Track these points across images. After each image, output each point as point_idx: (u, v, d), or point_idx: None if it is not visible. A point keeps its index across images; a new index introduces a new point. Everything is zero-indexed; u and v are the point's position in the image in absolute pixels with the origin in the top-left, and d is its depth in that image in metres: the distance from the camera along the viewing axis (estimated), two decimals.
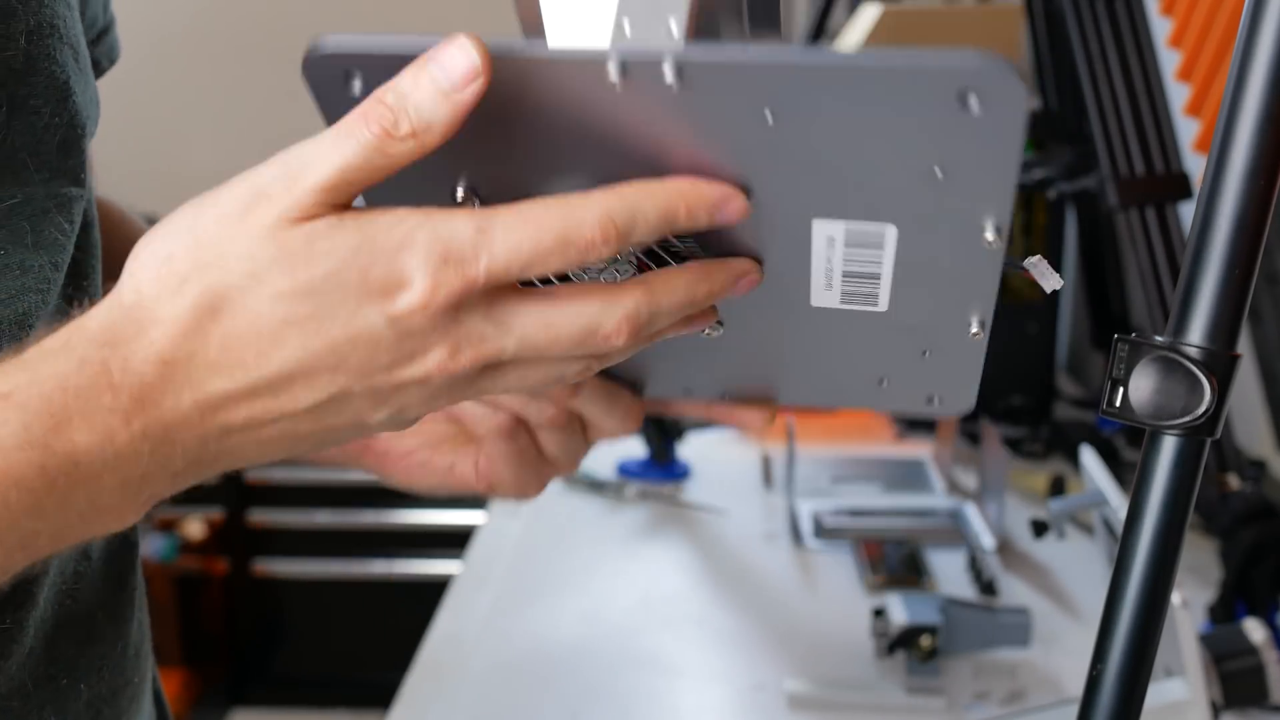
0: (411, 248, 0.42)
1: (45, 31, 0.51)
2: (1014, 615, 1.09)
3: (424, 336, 0.43)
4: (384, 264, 0.42)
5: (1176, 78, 1.40)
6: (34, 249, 0.51)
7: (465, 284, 0.42)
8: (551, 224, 0.42)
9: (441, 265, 0.42)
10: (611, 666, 1.13)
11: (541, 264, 0.42)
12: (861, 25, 1.97)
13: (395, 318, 0.43)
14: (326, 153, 0.43)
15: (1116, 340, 0.48)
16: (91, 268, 0.57)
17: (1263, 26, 0.45)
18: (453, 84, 0.42)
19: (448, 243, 0.42)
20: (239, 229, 0.43)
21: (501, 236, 0.42)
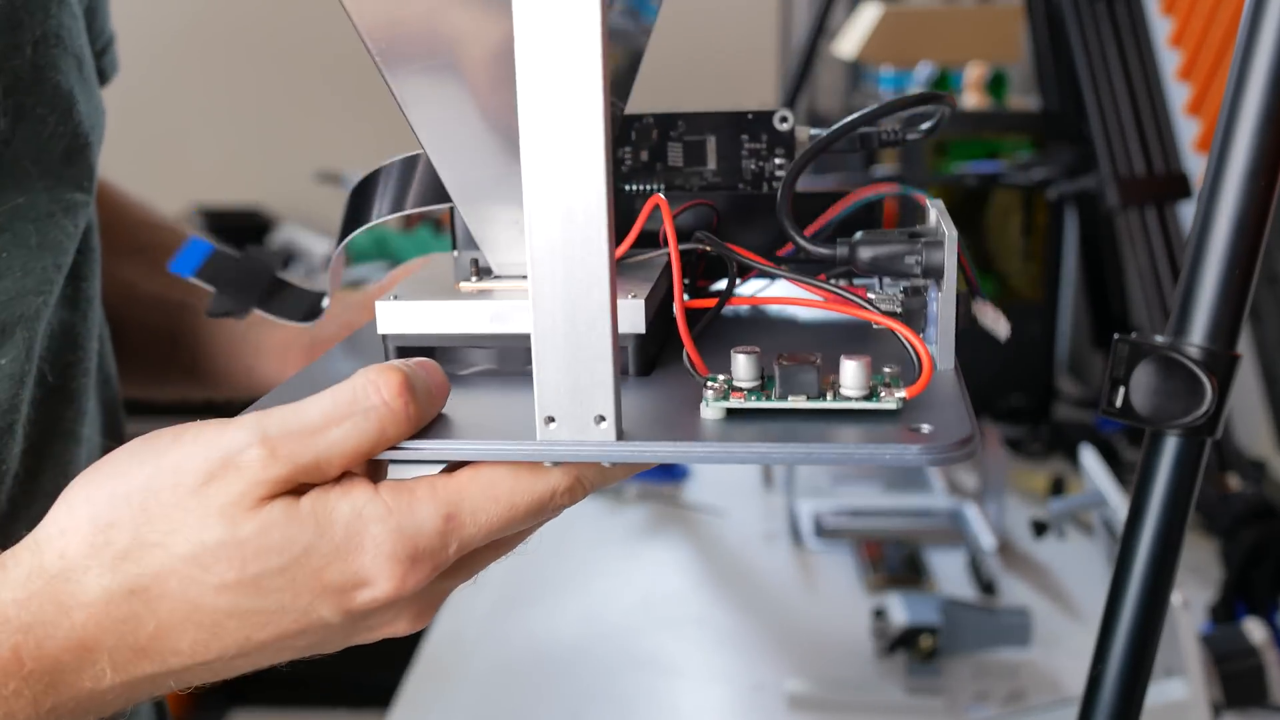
0: (375, 549, 0.39)
1: (51, 41, 0.51)
2: (1014, 615, 1.09)
3: (380, 616, 0.41)
4: (342, 565, 0.39)
5: (1177, 77, 1.40)
6: (38, 251, 0.51)
7: (434, 571, 0.40)
8: (522, 499, 0.40)
9: (410, 565, 0.39)
10: (611, 667, 1.13)
11: (513, 530, 0.41)
12: (862, 25, 1.97)
13: (352, 611, 0.40)
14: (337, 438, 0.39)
15: (1116, 340, 0.48)
16: (91, 270, 0.57)
17: (1263, 26, 0.45)
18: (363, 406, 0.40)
19: (414, 540, 0.39)
20: (191, 505, 0.39)
21: (470, 521, 0.40)
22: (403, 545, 0.39)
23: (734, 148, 0.52)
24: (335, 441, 0.39)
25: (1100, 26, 1.32)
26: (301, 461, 0.39)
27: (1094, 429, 1.64)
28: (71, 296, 0.55)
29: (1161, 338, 0.46)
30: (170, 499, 0.39)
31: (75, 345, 0.55)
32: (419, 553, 0.39)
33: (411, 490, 0.40)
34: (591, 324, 0.38)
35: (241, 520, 0.39)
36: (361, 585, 0.39)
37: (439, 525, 0.39)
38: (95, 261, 0.58)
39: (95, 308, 0.58)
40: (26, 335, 0.50)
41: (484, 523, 0.40)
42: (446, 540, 0.40)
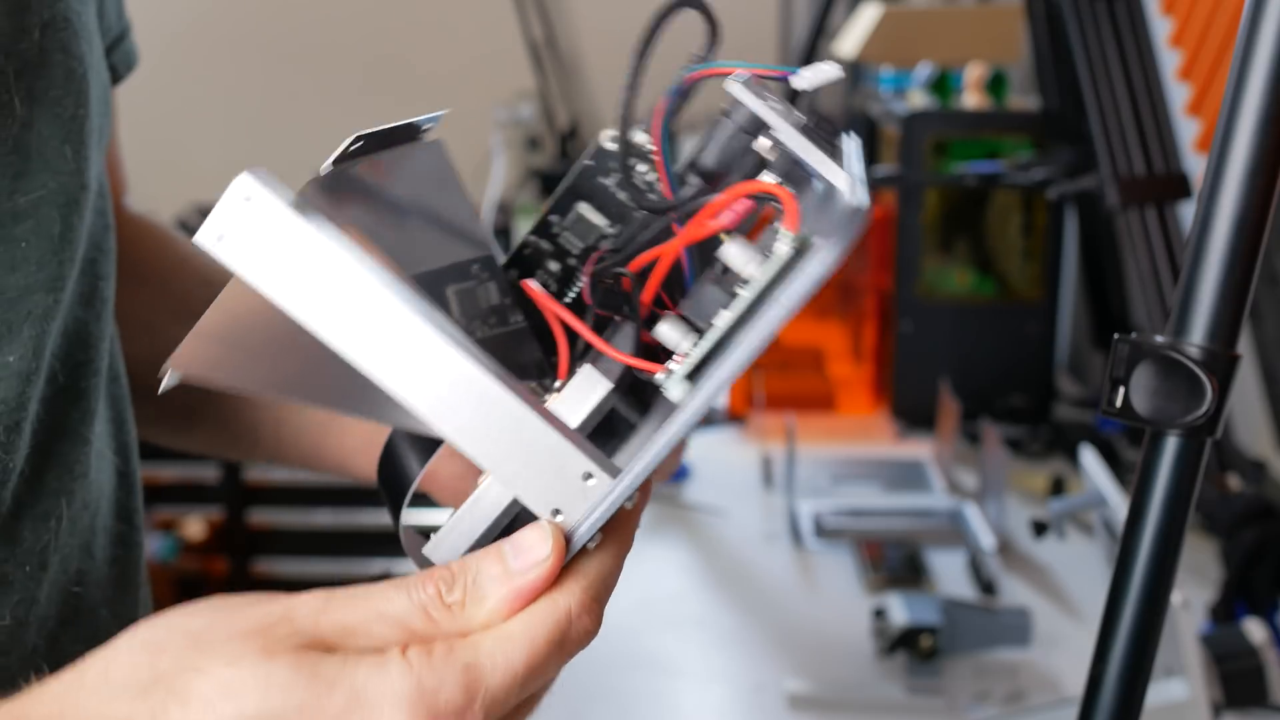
0: (396, 703, 0.38)
1: (59, 25, 0.51)
2: (1014, 615, 1.09)
3: None
4: (363, 713, 0.38)
5: (1177, 77, 1.40)
6: (57, 242, 0.50)
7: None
8: (537, 636, 0.40)
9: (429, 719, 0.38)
10: (612, 667, 1.13)
11: (540, 673, 0.40)
12: (862, 25, 1.97)
13: None
14: (380, 593, 0.40)
15: (1116, 340, 0.48)
16: (109, 271, 0.57)
17: (1263, 26, 0.45)
18: (520, 568, 0.40)
19: (435, 694, 0.38)
20: (239, 638, 0.39)
21: (490, 667, 0.39)
22: (425, 700, 0.38)
23: (604, 194, 0.50)
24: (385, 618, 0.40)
25: (1100, 26, 1.32)
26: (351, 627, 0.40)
27: (1094, 429, 1.64)
28: (87, 295, 0.55)
29: (1161, 338, 0.46)
30: (221, 633, 0.39)
31: (87, 345, 0.55)
32: (441, 708, 0.38)
33: (430, 650, 0.39)
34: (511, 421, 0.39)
35: (277, 654, 0.39)
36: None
37: (458, 678, 0.39)
38: (113, 263, 0.57)
39: (110, 309, 0.57)
40: (35, 333, 0.50)
41: (503, 665, 0.39)
42: (468, 694, 0.39)
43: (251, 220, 0.38)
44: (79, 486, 0.53)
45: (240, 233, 0.38)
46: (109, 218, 0.57)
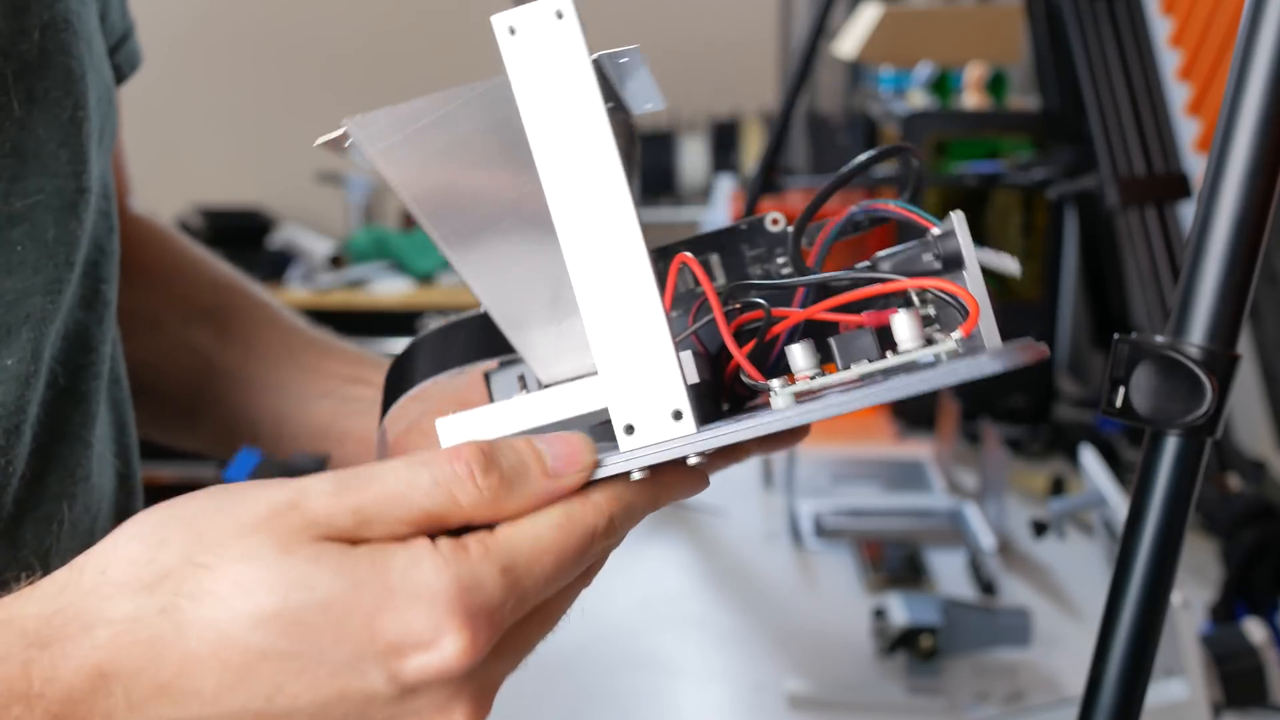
0: (432, 599, 0.36)
1: (59, 26, 0.51)
2: (1014, 615, 1.09)
3: (433, 696, 0.37)
4: (397, 613, 0.36)
5: (1177, 77, 1.40)
6: (53, 246, 0.50)
7: (494, 637, 0.37)
8: (568, 544, 0.39)
9: (470, 622, 0.36)
10: (612, 667, 1.13)
11: (559, 584, 0.40)
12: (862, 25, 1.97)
13: (402, 678, 0.37)
14: (394, 474, 0.38)
15: (1116, 340, 0.48)
16: (111, 273, 0.56)
17: (1263, 26, 0.45)
18: (559, 469, 0.39)
19: (474, 593, 0.36)
20: (248, 532, 0.37)
21: (525, 573, 0.38)
22: (463, 599, 0.36)
23: (738, 260, 0.52)
24: (405, 501, 0.37)
25: (1100, 26, 1.32)
26: (367, 513, 0.37)
27: (1094, 429, 1.64)
28: (88, 298, 0.55)
29: (1161, 338, 0.46)
30: (228, 525, 0.37)
31: (89, 348, 0.54)
32: (479, 609, 0.36)
33: (465, 545, 0.37)
34: (642, 336, 0.40)
35: (294, 548, 0.36)
36: (419, 646, 0.36)
37: (497, 578, 0.37)
38: (115, 266, 0.57)
39: (111, 311, 0.57)
40: (33, 336, 0.49)
41: (539, 574, 0.38)
42: (505, 595, 0.37)
43: (550, 32, 0.40)
44: (80, 490, 0.53)
45: (533, 36, 0.40)
46: (113, 219, 0.57)
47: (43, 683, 0.36)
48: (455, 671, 0.36)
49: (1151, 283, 1.29)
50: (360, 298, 3.04)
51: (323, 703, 0.37)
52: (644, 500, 0.41)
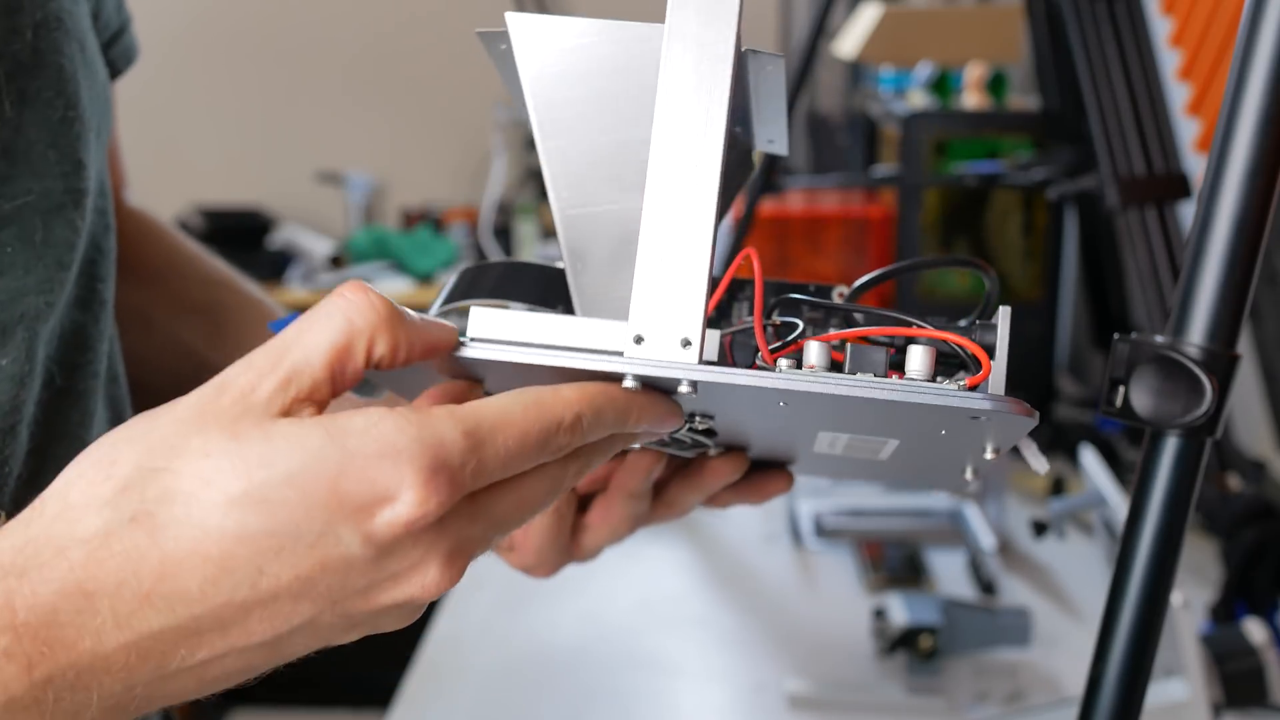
0: (395, 456, 0.37)
1: (52, 25, 0.51)
2: (1014, 615, 1.09)
3: (406, 555, 0.38)
4: (360, 472, 0.36)
5: (1177, 77, 1.40)
6: (42, 247, 0.50)
7: (455, 494, 0.38)
8: (532, 425, 0.39)
9: (433, 475, 0.37)
10: (611, 667, 1.13)
11: (521, 465, 0.40)
12: (862, 25, 1.97)
13: (374, 537, 0.37)
14: (308, 336, 0.39)
15: (1116, 340, 0.48)
16: (108, 272, 0.56)
17: (1263, 26, 0.45)
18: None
19: (435, 450, 0.37)
20: (194, 428, 0.37)
21: (489, 440, 0.38)
22: (423, 453, 0.37)
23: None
24: (310, 342, 0.38)
25: (1100, 26, 1.32)
26: (284, 367, 0.38)
27: (1094, 429, 1.64)
28: (84, 298, 0.54)
29: (1161, 338, 0.46)
30: (170, 428, 0.37)
31: (85, 347, 0.54)
32: (440, 463, 0.37)
33: (429, 410, 0.38)
34: (691, 254, 0.41)
35: (242, 430, 0.37)
36: (383, 501, 0.37)
37: (459, 439, 0.38)
38: (112, 264, 0.57)
39: (109, 310, 0.57)
40: (27, 335, 0.49)
41: (501, 445, 0.39)
42: (467, 456, 0.38)
43: None
44: None
45: None
46: (109, 218, 0.57)
47: (27, 611, 0.35)
48: (420, 521, 0.37)
49: (1151, 283, 1.29)
50: None
51: (306, 577, 0.37)
52: (613, 410, 0.42)
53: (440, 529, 0.38)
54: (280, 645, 0.39)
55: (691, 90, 0.41)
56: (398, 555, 0.38)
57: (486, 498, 0.40)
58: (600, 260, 0.46)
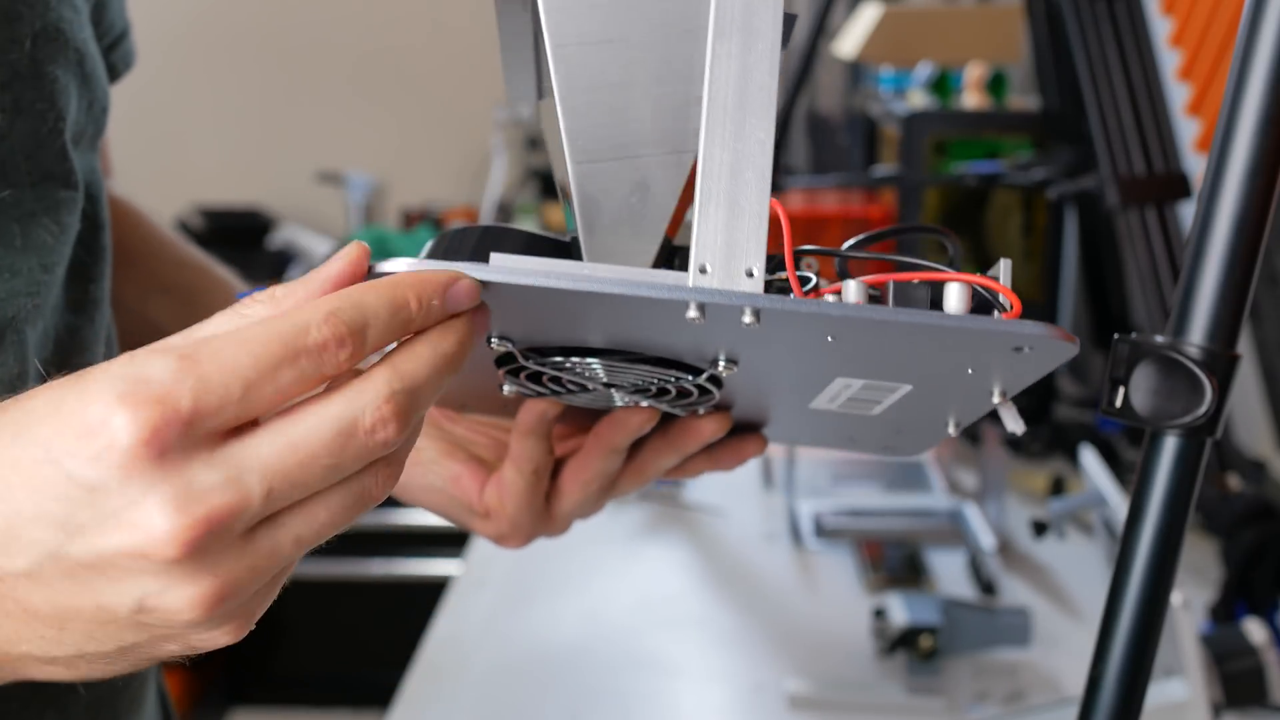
0: (99, 390, 0.35)
1: (50, 35, 0.51)
2: (1014, 615, 1.09)
3: (122, 491, 0.35)
4: (71, 407, 0.36)
5: (1177, 77, 1.40)
6: (22, 251, 0.50)
7: (166, 418, 0.35)
8: (270, 336, 0.36)
9: (135, 404, 0.35)
10: (611, 667, 1.13)
11: (270, 381, 0.36)
12: (862, 25, 1.97)
13: (79, 468, 0.35)
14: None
15: (1116, 340, 0.48)
16: (100, 272, 0.56)
17: (1263, 26, 0.44)
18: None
19: (139, 376, 0.35)
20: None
21: (210, 359, 0.36)
22: (127, 380, 0.35)
23: None
24: None
25: (1100, 26, 1.32)
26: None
27: (1094, 429, 1.64)
28: (77, 299, 0.55)
29: (1161, 338, 0.46)
30: None
31: (81, 348, 0.54)
32: (142, 382, 0.35)
33: (149, 347, 0.37)
34: (753, 185, 0.41)
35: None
36: (91, 431, 0.35)
37: (171, 362, 0.35)
38: (105, 263, 0.57)
39: (103, 310, 0.57)
40: (17, 339, 0.49)
41: (227, 362, 0.36)
42: (180, 379, 0.35)
43: None
44: None
45: None
46: (100, 218, 0.57)
47: None
48: (123, 452, 0.35)
49: (1151, 283, 1.29)
50: None
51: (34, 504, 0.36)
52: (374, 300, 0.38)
53: (161, 467, 0.35)
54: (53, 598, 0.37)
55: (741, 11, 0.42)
56: (111, 493, 0.35)
57: (230, 437, 0.37)
58: (613, 210, 0.46)
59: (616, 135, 0.45)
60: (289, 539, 0.38)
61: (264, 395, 0.36)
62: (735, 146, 0.42)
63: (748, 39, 0.42)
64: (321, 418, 0.37)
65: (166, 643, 0.39)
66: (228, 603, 0.37)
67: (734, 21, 0.42)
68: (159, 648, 0.39)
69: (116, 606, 0.37)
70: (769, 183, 0.42)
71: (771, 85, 0.42)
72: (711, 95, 0.42)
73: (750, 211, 0.42)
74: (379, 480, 0.39)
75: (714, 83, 0.42)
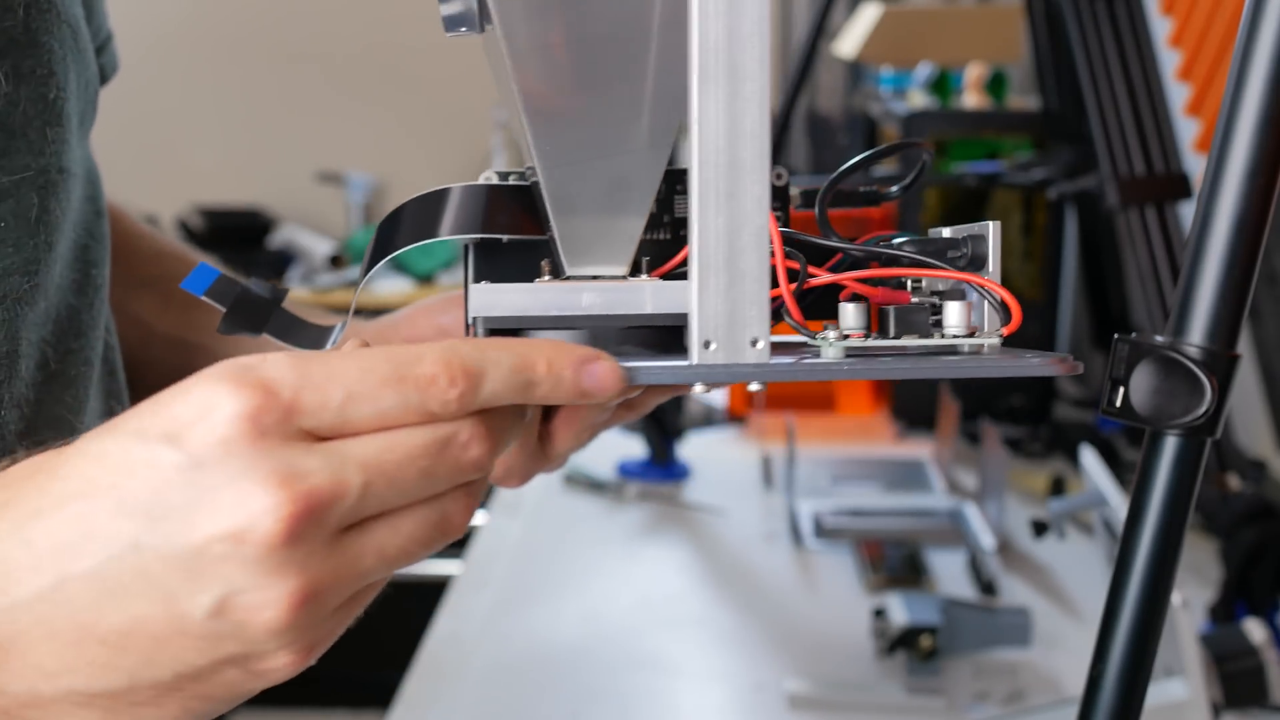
0: (202, 376, 0.36)
1: (43, 6, 0.51)
2: (1014, 615, 1.09)
3: (221, 468, 0.34)
4: (171, 395, 0.36)
5: (1176, 78, 1.40)
6: (35, 225, 0.50)
7: (268, 400, 0.35)
8: (382, 356, 0.36)
9: (238, 384, 0.35)
10: (611, 667, 1.13)
11: (371, 399, 0.36)
12: (862, 25, 1.97)
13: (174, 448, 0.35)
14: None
15: (1116, 340, 0.48)
16: (101, 257, 0.56)
17: (1263, 26, 0.44)
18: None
19: (245, 363, 0.36)
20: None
21: (319, 363, 0.36)
22: (234, 370, 0.35)
23: None
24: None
25: (1100, 26, 1.32)
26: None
27: (1094, 429, 1.64)
28: (79, 282, 0.55)
29: (1161, 338, 0.46)
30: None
31: (79, 332, 0.54)
32: (252, 375, 0.35)
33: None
34: (751, 248, 0.40)
35: None
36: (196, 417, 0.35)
37: (281, 361, 0.35)
38: (106, 249, 0.57)
39: (102, 295, 0.57)
40: (9, 315, 0.49)
41: (334, 368, 0.36)
42: (286, 373, 0.35)
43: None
44: None
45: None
46: (100, 204, 0.57)
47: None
48: (228, 429, 0.34)
49: (1151, 283, 1.30)
50: (361, 297, 3.03)
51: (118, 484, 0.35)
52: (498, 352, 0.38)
53: (261, 446, 0.34)
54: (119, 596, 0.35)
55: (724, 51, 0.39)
56: (213, 469, 0.34)
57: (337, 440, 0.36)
58: (590, 208, 0.45)
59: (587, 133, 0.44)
60: (374, 549, 0.37)
61: (362, 412, 0.36)
62: (729, 209, 0.40)
63: (733, 84, 0.39)
64: (417, 428, 0.37)
65: (229, 667, 0.37)
66: (308, 609, 0.36)
67: (717, 63, 0.39)
68: (218, 676, 0.37)
69: (192, 610, 0.35)
70: (767, 240, 0.41)
71: (764, 134, 0.40)
72: (700, 154, 0.40)
73: (750, 276, 0.40)
74: (460, 507, 0.39)
75: (701, 137, 0.39)
